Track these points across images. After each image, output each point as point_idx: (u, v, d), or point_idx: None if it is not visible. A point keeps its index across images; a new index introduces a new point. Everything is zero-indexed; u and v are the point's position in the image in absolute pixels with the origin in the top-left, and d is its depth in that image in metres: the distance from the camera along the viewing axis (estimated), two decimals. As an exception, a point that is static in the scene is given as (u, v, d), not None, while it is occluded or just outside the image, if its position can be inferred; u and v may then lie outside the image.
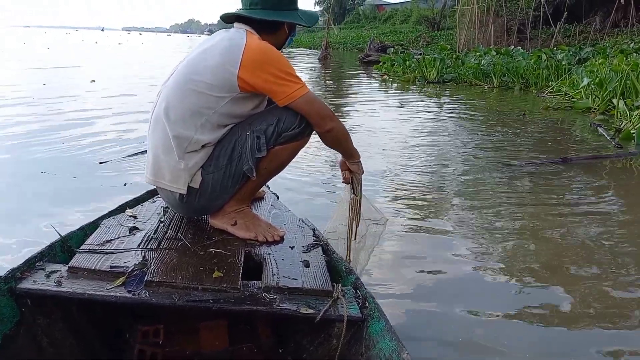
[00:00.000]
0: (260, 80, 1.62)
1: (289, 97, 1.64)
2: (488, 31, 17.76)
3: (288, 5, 1.80)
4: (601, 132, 5.47)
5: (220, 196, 1.74)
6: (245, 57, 1.60)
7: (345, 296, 1.42)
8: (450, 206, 3.18)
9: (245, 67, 1.60)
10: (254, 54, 1.62)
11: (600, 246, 2.58)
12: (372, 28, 41.33)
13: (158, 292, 1.35)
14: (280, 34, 1.82)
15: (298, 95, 1.64)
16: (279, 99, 1.66)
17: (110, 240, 1.62)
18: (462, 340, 1.78)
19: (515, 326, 1.87)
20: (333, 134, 1.75)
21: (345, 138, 1.82)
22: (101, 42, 36.02)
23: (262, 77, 1.61)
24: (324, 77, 14.06)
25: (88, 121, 5.53)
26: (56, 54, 19.48)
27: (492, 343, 1.76)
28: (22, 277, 1.36)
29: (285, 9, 1.79)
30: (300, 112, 1.68)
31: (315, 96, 1.72)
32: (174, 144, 1.64)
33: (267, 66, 1.62)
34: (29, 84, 8.63)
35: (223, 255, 1.59)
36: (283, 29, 1.82)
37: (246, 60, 1.60)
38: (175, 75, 1.71)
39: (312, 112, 1.69)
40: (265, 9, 1.75)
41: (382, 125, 6.01)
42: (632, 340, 1.81)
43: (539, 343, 1.78)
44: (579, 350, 1.75)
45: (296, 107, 1.67)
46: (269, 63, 1.62)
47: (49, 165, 3.74)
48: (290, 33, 1.87)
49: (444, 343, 1.77)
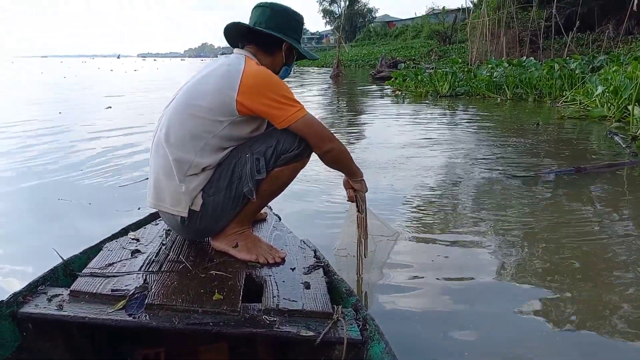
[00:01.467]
0: (258, 105, 1.64)
1: (287, 120, 1.66)
2: (500, 43, 17.75)
3: (291, 33, 1.85)
4: (617, 141, 5.38)
5: (221, 218, 1.74)
6: (243, 81, 1.63)
7: (346, 318, 1.41)
8: (462, 219, 3.14)
9: (243, 92, 1.62)
10: (252, 79, 1.65)
11: (616, 255, 2.51)
12: (383, 44, 41.64)
13: (158, 315, 1.35)
14: (278, 58, 1.85)
15: (296, 118, 1.66)
16: (278, 122, 1.67)
17: (112, 263, 1.63)
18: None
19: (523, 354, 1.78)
20: (333, 154, 1.77)
21: (345, 157, 1.84)
22: (117, 69, 36.82)
23: (261, 101, 1.63)
24: (337, 94, 14.14)
25: (105, 147, 5.59)
26: (72, 82, 19.92)
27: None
28: (24, 301, 1.37)
29: (288, 35, 1.84)
30: (299, 134, 1.69)
31: (314, 118, 1.73)
32: (175, 167, 1.65)
33: (265, 90, 1.64)
34: (45, 113, 8.78)
35: (224, 277, 1.58)
36: (280, 54, 1.86)
37: (244, 85, 1.63)
38: (176, 101, 1.75)
39: (310, 134, 1.70)
40: (269, 28, 1.80)
41: (395, 139, 5.99)
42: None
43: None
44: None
45: (295, 130, 1.68)
46: (267, 87, 1.65)
47: (65, 191, 3.78)
48: (288, 61, 1.90)
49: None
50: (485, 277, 2.33)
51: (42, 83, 19.01)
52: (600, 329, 1.89)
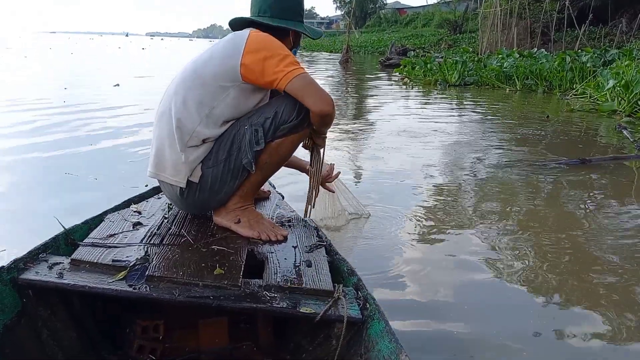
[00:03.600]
0: (260, 61, 1.63)
1: (287, 77, 1.62)
2: (511, 34, 17.54)
3: (294, 17, 1.87)
4: (625, 135, 5.33)
5: (220, 191, 1.73)
6: (248, 43, 1.66)
7: (346, 297, 1.40)
8: (467, 209, 3.12)
9: (247, 53, 1.64)
10: (256, 40, 1.67)
11: (621, 248, 2.50)
12: (393, 32, 41.31)
13: (159, 287, 1.35)
14: (285, 43, 1.83)
15: (296, 73, 1.63)
16: (278, 79, 1.63)
17: (114, 234, 1.63)
18: (464, 344, 1.71)
19: (522, 330, 1.79)
20: (329, 118, 1.73)
21: (332, 121, 1.81)
22: (125, 47, 36.68)
23: (263, 58, 1.63)
24: (345, 80, 14.05)
25: (113, 124, 5.57)
26: (80, 58, 19.86)
27: (495, 348, 1.70)
28: (25, 267, 1.37)
29: (292, 19, 1.86)
30: (299, 94, 1.65)
31: (313, 79, 1.71)
32: (177, 134, 1.65)
33: (268, 48, 1.66)
34: (52, 89, 8.74)
35: (225, 252, 1.58)
36: (288, 39, 1.87)
37: (249, 46, 1.65)
38: (183, 71, 1.76)
39: (310, 94, 1.65)
40: (273, 17, 1.82)
41: (401, 126, 5.95)
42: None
43: (553, 347, 1.72)
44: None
45: (295, 89, 1.64)
46: (270, 46, 1.67)
47: (72, 166, 3.77)
48: (295, 45, 1.92)
49: (445, 346, 1.71)
50: (481, 269, 2.29)
51: (49, 59, 18.94)
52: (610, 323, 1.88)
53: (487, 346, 1.70)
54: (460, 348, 1.68)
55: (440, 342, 1.72)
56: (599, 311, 1.94)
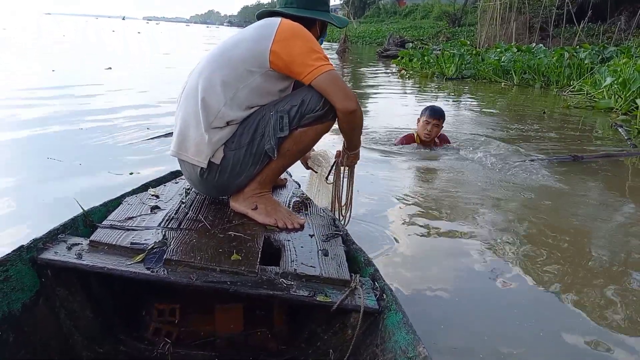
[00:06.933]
0: (290, 51, 1.64)
1: (314, 72, 1.64)
2: (510, 28, 17.54)
3: (321, 6, 1.90)
4: (621, 132, 5.38)
5: (241, 175, 1.73)
6: (279, 31, 1.67)
7: (363, 287, 1.41)
8: (457, 204, 3.11)
9: (278, 41, 1.65)
10: (289, 29, 1.68)
11: (616, 245, 2.54)
12: (392, 23, 41.15)
13: (176, 270, 1.35)
14: (312, 32, 1.84)
15: (324, 69, 1.65)
16: (305, 73, 1.65)
17: (132, 217, 1.63)
18: (481, 337, 1.74)
19: (536, 325, 1.83)
20: (356, 116, 1.73)
21: (361, 124, 1.84)
22: (120, 31, 36.22)
23: (292, 48, 1.64)
24: (341, 70, 14.00)
25: (102, 107, 5.54)
26: (72, 41, 19.57)
27: (510, 341, 1.72)
28: (44, 247, 1.38)
29: (319, 9, 1.88)
30: (325, 90, 1.67)
31: (340, 76, 1.72)
32: (202, 114, 1.65)
33: (299, 39, 1.67)
34: (40, 71, 8.61)
35: (242, 238, 1.58)
36: (315, 29, 1.88)
37: (280, 34, 1.66)
38: (211, 53, 1.78)
39: (336, 91, 1.67)
40: (300, 7, 1.84)
41: (397, 119, 5.93)
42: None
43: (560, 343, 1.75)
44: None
45: (322, 84, 1.66)
46: (301, 37, 1.68)
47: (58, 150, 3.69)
48: (321, 34, 1.95)
49: (463, 340, 1.73)
50: (489, 263, 2.31)
51: (38, 40, 18.66)
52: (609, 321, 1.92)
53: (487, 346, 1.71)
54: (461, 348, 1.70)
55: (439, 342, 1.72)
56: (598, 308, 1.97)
